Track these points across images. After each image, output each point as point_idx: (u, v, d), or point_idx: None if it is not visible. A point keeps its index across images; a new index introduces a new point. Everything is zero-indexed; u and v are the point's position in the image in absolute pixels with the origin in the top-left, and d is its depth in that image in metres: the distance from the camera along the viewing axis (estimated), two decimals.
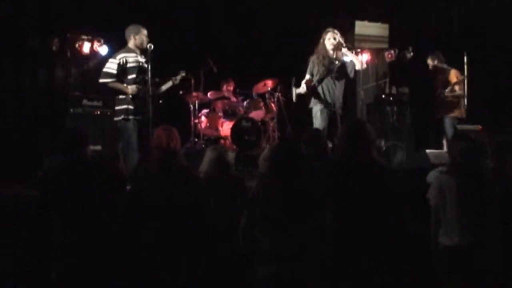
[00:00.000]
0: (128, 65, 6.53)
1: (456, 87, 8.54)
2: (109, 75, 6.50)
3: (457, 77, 8.57)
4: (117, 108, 6.61)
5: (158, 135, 4.32)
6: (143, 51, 6.63)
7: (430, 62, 8.86)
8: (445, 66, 8.77)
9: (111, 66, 6.51)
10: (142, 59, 6.63)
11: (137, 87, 6.48)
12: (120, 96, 6.56)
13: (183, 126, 8.26)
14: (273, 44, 9.76)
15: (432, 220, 4.15)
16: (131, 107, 6.50)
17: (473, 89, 9.82)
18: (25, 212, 4.75)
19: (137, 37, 6.61)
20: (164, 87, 7.03)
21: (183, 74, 7.29)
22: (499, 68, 9.97)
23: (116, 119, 6.59)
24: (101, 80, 6.57)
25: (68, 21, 8.51)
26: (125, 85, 6.51)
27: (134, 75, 6.55)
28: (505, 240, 4.06)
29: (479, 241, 3.94)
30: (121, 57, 6.54)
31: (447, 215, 4.03)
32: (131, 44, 6.65)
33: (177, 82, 7.19)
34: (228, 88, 9.63)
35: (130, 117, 6.48)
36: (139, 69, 6.57)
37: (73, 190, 3.93)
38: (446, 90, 8.52)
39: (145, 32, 6.65)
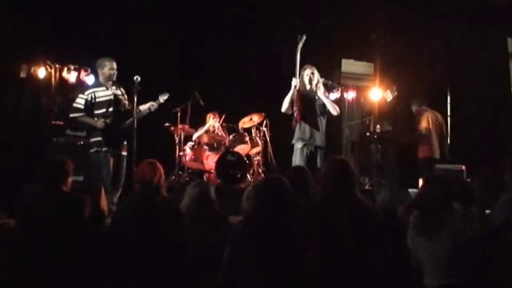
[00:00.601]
0: (97, 100, 6.54)
1: (422, 128, 8.63)
2: (77, 109, 6.54)
3: (427, 120, 8.65)
4: (90, 140, 6.60)
5: (141, 169, 4.30)
6: (115, 83, 6.68)
7: (412, 107, 9.02)
8: (423, 108, 8.88)
9: (79, 101, 6.54)
10: (114, 91, 6.66)
11: (104, 121, 6.47)
12: (93, 130, 6.55)
13: (168, 159, 8.24)
14: (260, 79, 9.83)
15: (413, 263, 4.13)
16: (103, 139, 6.49)
17: (457, 128, 9.98)
18: (2, 242, 4.69)
19: (104, 70, 6.62)
20: (133, 119, 6.68)
21: (165, 97, 6.92)
22: (483, 108, 10.13)
23: (90, 151, 6.56)
24: (70, 115, 6.62)
25: (55, 50, 8.51)
26: (95, 119, 6.51)
27: (103, 110, 6.55)
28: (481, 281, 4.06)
29: (454, 283, 3.92)
30: (89, 92, 6.57)
31: (421, 258, 4.01)
32: (100, 78, 6.70)
33: (155, 107, 6.87)
34: (214, 121, 9.61)
35: (103, 149, 6.47)
36: (109, 102, 6.59)
37: (49, 222, 3.89)
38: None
39: (112, 65, 6.63)
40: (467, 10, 10.23)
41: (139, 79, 6.42)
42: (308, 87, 7.04)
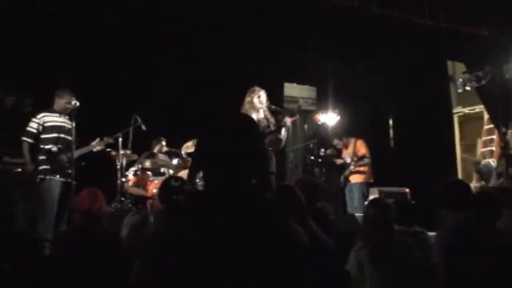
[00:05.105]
0: (46, 124, 6.65)
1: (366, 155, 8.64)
2: (30, 134, 6.61)
3: (364, 147, 8.69)
4: (38, 168, 6.58)
5: (81, 197, 4.15)
6: (69, 115, 6.76)
7: (336, 144, 9.00)
8: (349, 139, 8.87)
9: (32, 125, 6.64)
10: (65, 120, 6.77)
11: (34, 171, 6.48)
12: (41, 157, 6.58)
13: (110, 185, 8.06)
14: (202, 103, 9.73)
15: None
16: (49, 167, 6.53)
17: (399, 152, 10.11)
18: None
19: (61, 101, 6.75)
20: (78, 152, 6.89)
21: (110, 141, 7.39)
22: (424, 131, 10.32)
23: (37, 179, 6.51)
24: (23, 138, 6.61)
25: None
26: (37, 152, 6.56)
27: (53, 135, 6.66)
28: None
29: None
30: (41, 116, 6.67)
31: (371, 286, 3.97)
32: (55, 106, 6.79)
33: (97, 149, 7.21)
34: (159, 148, 9.47)
35: (48, 177, 6.48)
36: (59, 129, 6.70)
37: None
38: (358, 162, 8.58)
39: (70, 99, 6.72)
40: (408, 34, 10.44)
41: (77, 104, 6.51)
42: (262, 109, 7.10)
